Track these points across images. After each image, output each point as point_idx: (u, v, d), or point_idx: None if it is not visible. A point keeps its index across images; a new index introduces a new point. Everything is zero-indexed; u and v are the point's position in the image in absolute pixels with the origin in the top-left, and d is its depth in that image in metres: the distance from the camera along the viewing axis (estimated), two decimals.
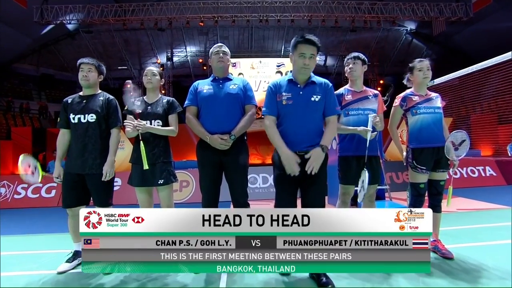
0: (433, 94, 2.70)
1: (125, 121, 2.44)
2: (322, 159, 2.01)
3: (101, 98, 2.58)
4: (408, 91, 2.76)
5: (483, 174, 6.90)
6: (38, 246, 3.29)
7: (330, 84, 2.17)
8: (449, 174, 2.69)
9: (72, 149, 2.52)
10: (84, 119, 2.48)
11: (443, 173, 2.62)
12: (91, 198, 2.54)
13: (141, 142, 2.41)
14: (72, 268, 2.48)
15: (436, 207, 2.61)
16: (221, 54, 2.47)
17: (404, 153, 2.72)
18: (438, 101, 2.66)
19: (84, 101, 2.53)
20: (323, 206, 2.14)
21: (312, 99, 2.09)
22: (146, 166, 2.38)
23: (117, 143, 2.58)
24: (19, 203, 6.12)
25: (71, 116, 2.49)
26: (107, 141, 2.54)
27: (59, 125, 2.59)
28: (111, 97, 2.63)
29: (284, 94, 2.11)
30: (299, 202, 2.22)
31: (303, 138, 2.08)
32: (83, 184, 2.48)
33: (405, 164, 2.72)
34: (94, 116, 2.48)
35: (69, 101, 2.57)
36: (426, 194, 2.66)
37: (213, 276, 2.26)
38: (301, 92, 2.10)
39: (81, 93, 2.62)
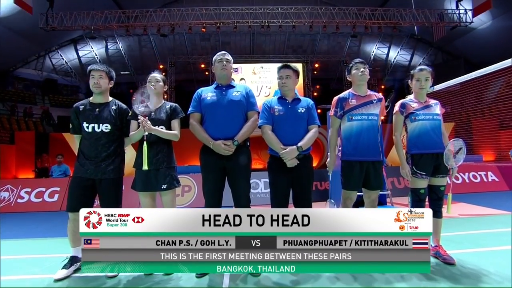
0: (433, 101, 2.70)
1: (132, 120, 2.47)
2: (294, 155, 2.39)
3: (114, 107, 2.60)
4: (407, 97, 2.77)
5: (485, 180, 6.85)
6: (41, 250, 3.29)
7: (312, 102, 2.63)
8: (463, 182, 2.67)
9: (84, 154, 2.52)
10: (98, 128, 2.50)
11: (442, 178, 2.62)
12: (100, 203, 2.52)
13: (145, 142, 2.43)
14: (69, 275, 2.44)
15: (437, 213, 2.58)
16: (224, 62, 2.53)
17: (405, 168, 2.64)
18: (437, 108, 2.66)
19: (97, 109, 2.54)
20: (310, 197, 2.51)
21: (299, 110, 2.52)
22: (145, 167, 2.39)
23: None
24: (22, 207, 6.13)
25: (85, 124, 2.51)
26: (120, 147, 2.62)
27: (73, 131, 2.59)
28: (124, 106, 2.66)
29: (276, 107, 2.54)
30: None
31: (292, 141, 2.44)
32: (92, 188, 2.50)
33: (406, 177, 2.65)
34: (109, 126, 2.52)
35: (80, 108, 2.56)
36: (427, 200, 2.65)
37: (215, 281, 2.26)
38: (289, 106, 2.54)
39: (91, 100, 2.61)
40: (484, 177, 6.87)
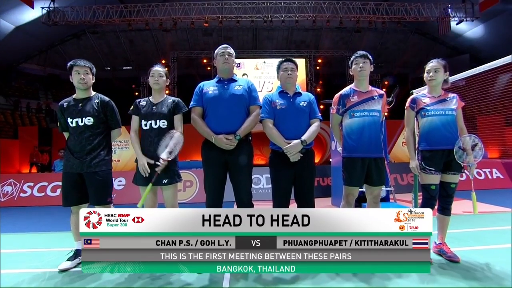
0: (450, 95, 2.62)
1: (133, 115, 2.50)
2: (298, 149, 2.38)
3: (96, 100, 2.61)
4: (420, 92, 2.71)
5: (490, 177, 6.81)
6: (43, 244, 3.33)
7: (313, 96, 2.64)
8: (468, 179, 2.59)
9: (70, 150, 2.56)
10: (81, 122, 2.52)
11: (454, 175, 2.56)
12: (89, 197, 2.56)
13: (150, 184, 2.35)
14: (74, 267, 2.50)
15: (445, 210, 2.57)
16: (226, 56, 2.50)
17: (414, 162, 2.60)
18: (452, 103, 2.58)
19: (80, 104, 2.57)
20: (312, 192, 2.51)
21: (301, 104, 2.51)
22: (139, 204, 2.33)
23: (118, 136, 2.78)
24: (25, 201, 6.20)
25: (69, 120, 2.54)
26: (105, 140, 2.63)
27: (62, 130, 2.65)
28: (107, 99, 2.67)
29: (277, 101, 2.52)
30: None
31: (294, 135, 2.43)
32: (82, 183, 2.53)
33: (414, 171, 2.61)
34: (92, 119, 2.54)
35: (65, 105, 2.60)
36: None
37: (217, 276, 2.25)
38: (291, 100, 2.53)
39: (75, 96, 2.64)
40: (488, 174, 6.83)
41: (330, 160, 5.91)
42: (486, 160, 7.70)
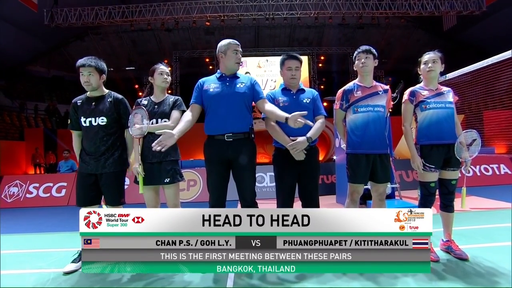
0: (445, 89, 2.58)
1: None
2: (304, 146, 2.33)
3: (110, 99, 2.56)
4: (417, 85, 2.66)
5: (498, 172, 6.70)
6: (48, 244, 3.35)
7: (316, 92, 2.61)
8: (461, 174, 2.56)
9: (85, 150, 2.54)
10: (95, 122, 2.48)
11: (454, 171, 2.51)
12: (104, 197, 2.55)
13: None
14: (79, 268, 2.47)
15: (448, 207, 2.53)
16: (239, 55, 2.47)
17: (416, 161, 2.54)
18: (449, 96, 2.54)
19: (93, 103, 2.53)
20: (317, 190, 2.49)
21: (304, 101, 2.49)
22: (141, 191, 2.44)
23: (132, 139, 2.64)
24: (31, 202, 6.27)
25: (82, 119, 2.51)
26: (119, 140, 2.58)
27: (71, 127, 2.60)
28: (120, 96, 2.61)
29: (280, 98, 2.50)
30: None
31: (298, 132, 2.36)
32: (96, 183, 2.52)
33: (418, 169, 2.55)
34: (105, 119, 2.49)
35: (78, 103, 2.56)
36: (437, 194, 2.56)
37: (221, 275, 2.24)
38: (294, 96, 2.51)
39: (88, 94, 2.60)
40: (496, 169, 6.71)
41: (334, 157, 5.87)
42: (493, 156, 7.58)
